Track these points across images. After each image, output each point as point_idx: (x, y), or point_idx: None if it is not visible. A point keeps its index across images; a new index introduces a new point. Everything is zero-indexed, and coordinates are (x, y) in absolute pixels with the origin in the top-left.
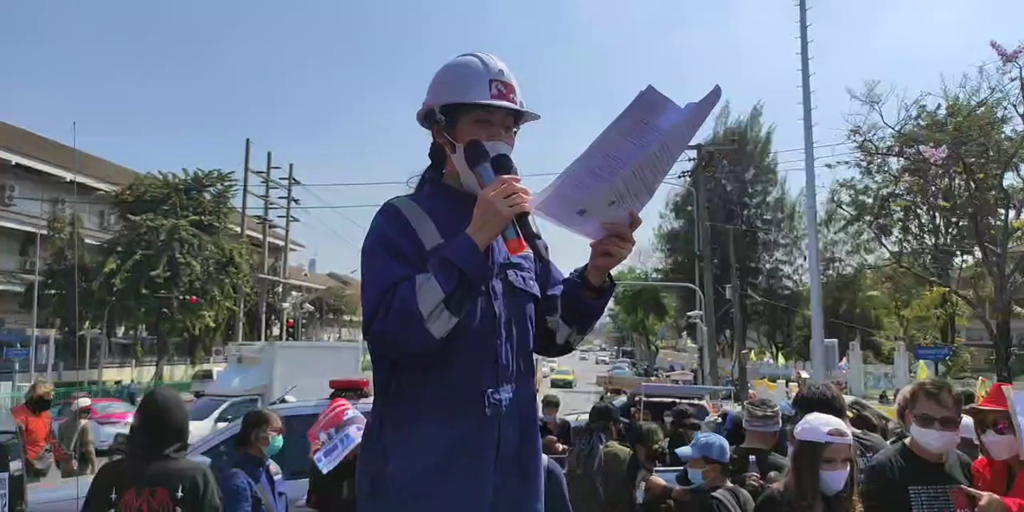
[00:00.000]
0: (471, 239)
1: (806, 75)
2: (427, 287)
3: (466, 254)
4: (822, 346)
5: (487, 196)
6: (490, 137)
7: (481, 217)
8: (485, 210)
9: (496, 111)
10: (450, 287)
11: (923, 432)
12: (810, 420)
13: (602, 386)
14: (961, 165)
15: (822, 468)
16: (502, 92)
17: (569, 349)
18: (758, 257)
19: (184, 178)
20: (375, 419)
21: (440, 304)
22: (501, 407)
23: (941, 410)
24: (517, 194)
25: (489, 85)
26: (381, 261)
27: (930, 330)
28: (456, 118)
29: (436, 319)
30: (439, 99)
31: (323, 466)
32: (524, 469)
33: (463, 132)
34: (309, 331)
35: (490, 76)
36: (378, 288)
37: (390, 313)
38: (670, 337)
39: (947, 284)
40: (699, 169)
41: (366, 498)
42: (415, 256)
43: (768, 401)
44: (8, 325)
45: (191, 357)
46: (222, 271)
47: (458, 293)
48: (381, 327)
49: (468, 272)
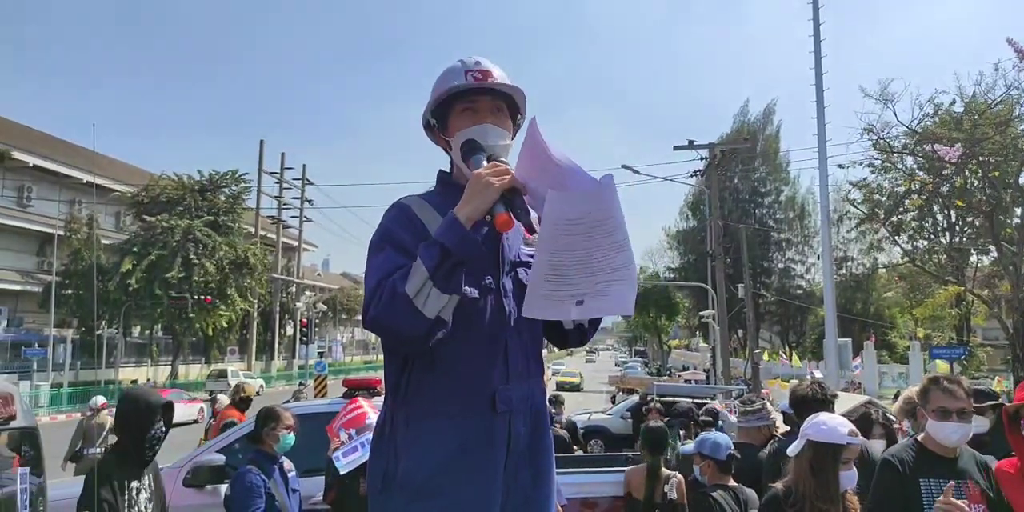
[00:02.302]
0: (453, 214)
1: (819, 73)
2: (414, 268)
3: (446, 228)
4: (836, 345)
5: (478, 172)
6: (475, 123)
7: (469, 191)
8: (474, 185)
9: (480, 98)
10: (432, 262)
11: (941, 425)
12: (826, 421)
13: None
14: (976, 163)
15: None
16: (478, 79)
17: (585, 341)
18: (771, 256)
19: (199, 179)
20: (386, 416)
21: (426, 281)
22: (512, 404)
23: (957, 402)
24: (510, 175)
25: (465, 75)
26: (382, 253)
27: (945, 329)
28: (446, 116)
29: (425, 297)
30: (428, 105)
31: (341, 467)
32: (536, 465)
33: (453, 126)
34: (322, 331)
35: (466, 68)
36: (375, 278)
37: (382, 298)
38: (683, 337)
39: (962, 283)
40: (711, 168)
41: (378, 494)
42: (415, 247)
43: (756, 396)
44: (26, 325)
45: (206, 356)
46: (236, 271)
47: (442, 268)
48: (374, 313)
49: (448, 244)
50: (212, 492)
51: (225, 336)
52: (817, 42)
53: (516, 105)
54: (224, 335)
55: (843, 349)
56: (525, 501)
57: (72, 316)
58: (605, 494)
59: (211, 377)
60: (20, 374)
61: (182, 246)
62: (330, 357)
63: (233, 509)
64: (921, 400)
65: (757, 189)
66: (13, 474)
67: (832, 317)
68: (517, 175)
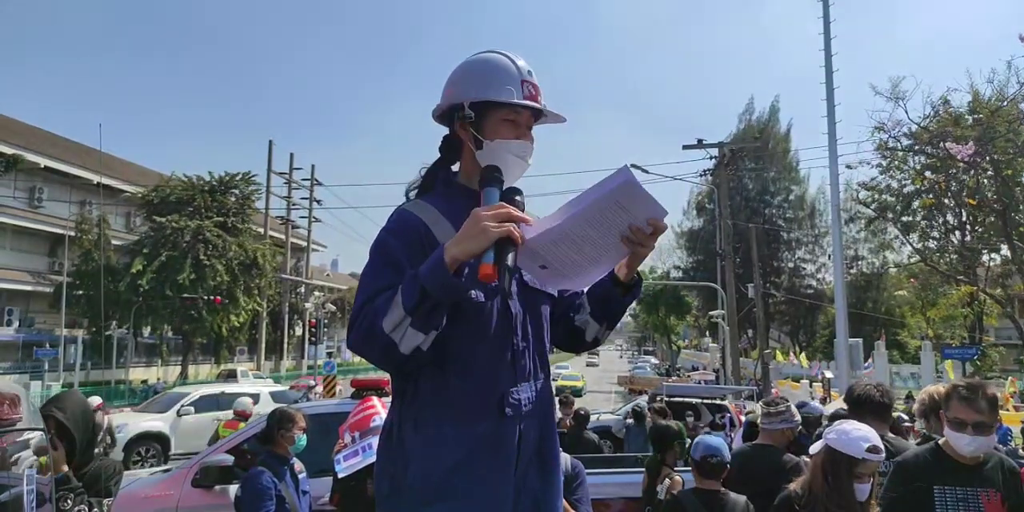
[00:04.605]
0: (441, 253)
1: (829, 71)
2: (393, 303)
3: (430, 269)
4: (847, 345)
5: (479, 213)
6: (517, 137)
7: (465, 232)
8: (472, 226)
9: (524, 111)
10: (411, 302)
11: (956, 436)
12: (848, 431)
13: (623, 386)
14: (988, 161)
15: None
16: (532, 94)
17: (597, 344)
18: (781, 256)
19: (209, 180)
20: (394, 420)
21: (403, 320)
22: (521, 406)
23: (975, 415)
24: (512, 222)
25: (521, 85)
26: (373, 270)
27: (957, 329)
28: (483, 114)
29: (402, 336)
30: (467, 94)
31: (340, 470)
32: (544, 466)
33: (491, 130)
34: (331, 331)
35: (522, 77)
36: (361, 300)
37: (361, 327)
38: (692, 337)
39: (975, 282)
40: (720, 167)
41: (385, 498)
42: (408, 262)
43: (781, 398)
44: (37, 325)
45: (215, 357)
46: (246, 272)
47: (421, 308)
48: (353, 338)
49: (429, 288)
50: (221, 492)
51: (235, 336)
52: (827, 39)
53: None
54: (234, 335)
55: (854, 349)
56: (535, 503)
57: (83, 317)
58: (618, 495)
59: (221, 377)
60: (31, 374)
61: (192, 247)
62: (339, 357)
63: (243, 510)
64: (944, 406)
65: (767, 188)
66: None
67: (843, 317)
68: (527, 231)
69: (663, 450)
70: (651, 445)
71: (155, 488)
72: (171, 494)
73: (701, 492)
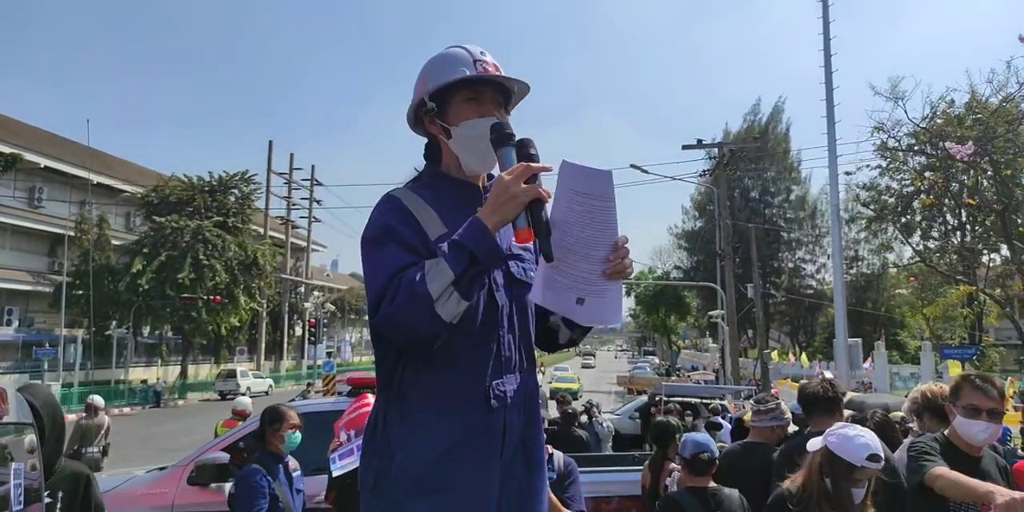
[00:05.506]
0: (481, 221)
1: (828, 71)
2: (436, 269)
3: (477, 235)
4: (846, 345)
5: (505, 179)
6: (481, 115)
7: (496, 200)
8: (501, 193)
9: (484, 88)
10: (460, 268)
11: (969, 423)
12: (851, 437)
13: (623, 386)
14: (988, 161)
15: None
16: (487, 70)
17: (574, 344)
18: (781, 256)
19: (208, 180)
20: (379, 412)
21: (450, 286)
22: (506, 398)
23: (988, 401)
24: (536, 184)
25: (474, 64)
26: (386, 249)
27: (957, 329)
28: (446, 103)
29: (445, 301)
30: (426, 88)
31: (335, 469)
32: (529, 457)
33: (455, 114)
34: (331, 331)
35: (473, 57)
36: (385, 274)
37: (398, 296)
38: (692, 337)
39: (974, 282)
40: (720, 167)
41: (370, 491)
42: (419, 244)
43: (772, 396)
44: (37, 325)
45: (215, 356)
46: (246, 272)
47: (467, 274)
48: (388, 310)
49: (478, 253)
50: (217, 490)
51: (235, 336)
52: (827, 40)
53: (508, 101)
54: (234, 335)
55: (854, 349)
56: (520, 491)
57: (82, 316)
58: (617, 493)
59: (221, 377)
60: (31, 374)
61: (192, 247)
62: (339, 357)
63: (236, 509)
64: (952, 397)
65: (767, 188)
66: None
67: (843, 317)
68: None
69: (665, 445)
70: (652, 440)
71: (151, 486)
72: (167, 492)
73: (695, 490)
